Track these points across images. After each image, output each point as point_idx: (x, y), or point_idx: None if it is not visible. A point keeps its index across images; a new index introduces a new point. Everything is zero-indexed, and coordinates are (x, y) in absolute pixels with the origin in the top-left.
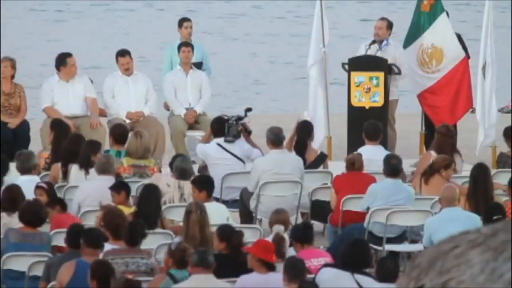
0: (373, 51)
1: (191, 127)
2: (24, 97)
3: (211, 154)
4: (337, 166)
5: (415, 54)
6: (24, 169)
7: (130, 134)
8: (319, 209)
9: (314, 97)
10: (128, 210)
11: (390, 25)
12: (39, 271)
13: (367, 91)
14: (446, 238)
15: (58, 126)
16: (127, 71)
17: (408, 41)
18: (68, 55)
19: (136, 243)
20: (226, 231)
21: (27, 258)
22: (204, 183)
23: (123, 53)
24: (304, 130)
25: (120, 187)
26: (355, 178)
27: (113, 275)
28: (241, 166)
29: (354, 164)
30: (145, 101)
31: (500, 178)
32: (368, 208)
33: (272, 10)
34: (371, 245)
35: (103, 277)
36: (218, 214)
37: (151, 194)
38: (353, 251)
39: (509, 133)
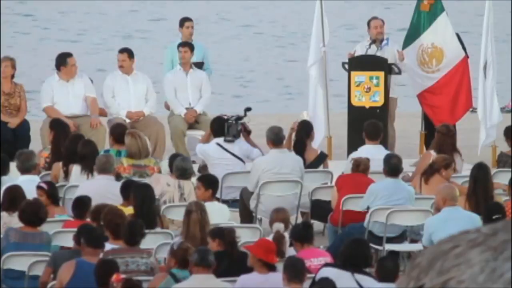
0: (373, 50)
1: (191, 126)
2: (24, 97)
3: (211, 154)
4: (337, 166)
5: (415, 53)
6: (24, 169)
7: (126, 136)
8: (319, 209)
9: (314, 97)
10: (127, 211)
11: (383, 23)
12: (39, 271)
13: (367, 91)
14: (446, 237)
15: (57, 126)
16: (121, 68)
17: (408, 41)
18: (69, 55)
19: (136, 242)
20: (216, 230)
21: (27, 257)
22: (211, 182)
23: (121, 50)
24: (303, 130)
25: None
26: (358, 179)
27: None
28: (241, 165)
29: (359, 166)
30: (145, 101)
31: (500, 178)
32: (368, 208)
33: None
34: (371, 244)
35: (110, 276)
36: (220, 214)
37: (145, 194)
38: (353, 251)
39: (509, 133)
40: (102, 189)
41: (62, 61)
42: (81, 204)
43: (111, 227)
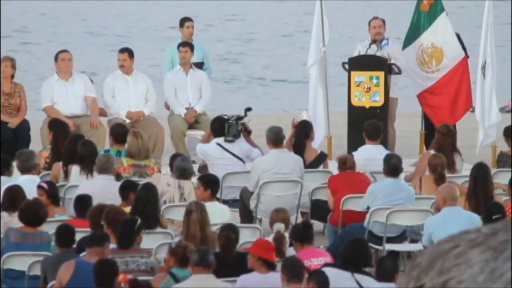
0: (373, 50)
1: (191, 126)
2: (24, 97)
3: (211, 154)
4: (337, 166)
5: (415, 53)
6: (25, 169)
7: (129, 135)
8: (319, 209)
9: (314, 97)
10: (126, 211)
11: (384, 23)
12: (39, 271)
13: (367, 91)
14: (446, 237)
15: (56, 126)
16: (122, 68)
17: (408, 41)
18: (62, 51)
19: (130, 244)
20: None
21: (27, 257)
22: (210, 182)
23: (121, 50)
24: (302, 130)
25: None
26: (349, 177)
27: (117, 274)
28: (241, 165)
29: (346, 164)
30: (145, 101)
31: (500, 178)
32: (368, 208)
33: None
34: (371, 244)
35: (108, 276)
36: (220, 214)
37: (149, 193)
38: (353, 251)
39: (509, 133)
40: (102, 189)
41: (55, 57)
42: (82, 203)
43: (113, 225)
